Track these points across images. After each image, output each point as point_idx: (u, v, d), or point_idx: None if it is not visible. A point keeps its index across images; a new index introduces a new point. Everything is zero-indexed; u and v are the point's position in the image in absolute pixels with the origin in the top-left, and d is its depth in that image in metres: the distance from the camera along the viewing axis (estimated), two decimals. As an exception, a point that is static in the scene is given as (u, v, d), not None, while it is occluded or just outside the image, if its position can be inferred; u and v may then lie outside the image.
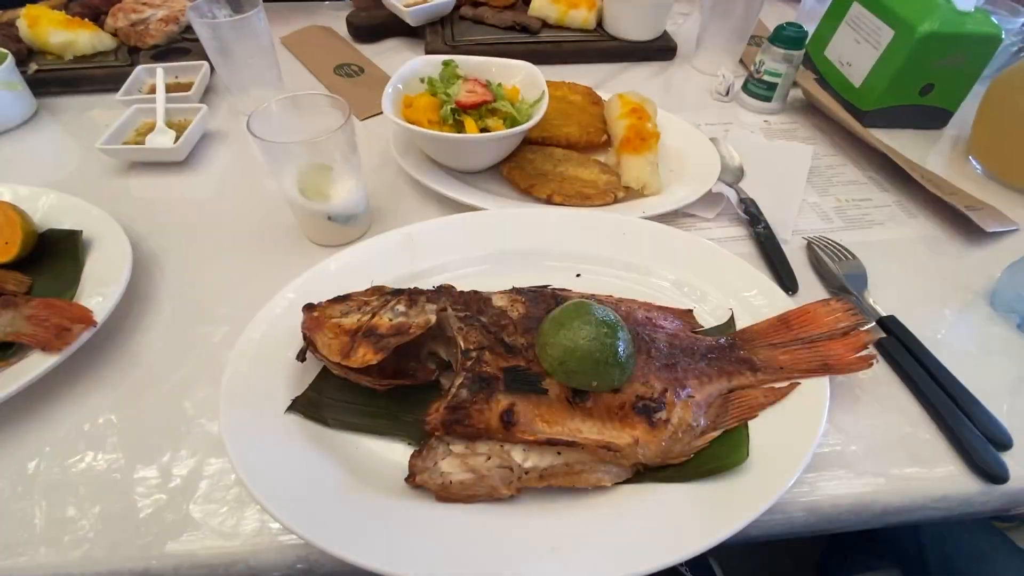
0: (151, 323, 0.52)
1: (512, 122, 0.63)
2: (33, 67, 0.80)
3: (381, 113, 0.79)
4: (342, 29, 0.98)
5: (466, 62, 0.69)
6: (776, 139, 0.78)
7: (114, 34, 0.87)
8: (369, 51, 0.94)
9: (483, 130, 0.62)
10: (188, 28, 0.90)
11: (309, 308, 0.44)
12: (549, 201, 0.62)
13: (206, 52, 0.74)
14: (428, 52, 0.89)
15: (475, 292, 0.47)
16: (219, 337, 0.51)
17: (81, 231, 0.55)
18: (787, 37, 0.75)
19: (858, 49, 0.79)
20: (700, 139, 0.70)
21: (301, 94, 0.55)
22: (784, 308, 0.48)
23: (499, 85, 0.64)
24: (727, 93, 0.84)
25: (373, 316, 0.43)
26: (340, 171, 0.55)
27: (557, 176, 0.64)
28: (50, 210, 0.58)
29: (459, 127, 0.62)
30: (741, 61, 0.92)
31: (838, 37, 0.84)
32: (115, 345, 0.50)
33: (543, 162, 0.66)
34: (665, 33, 0.94)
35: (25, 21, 0.82)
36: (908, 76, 0.74)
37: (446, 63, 0.68)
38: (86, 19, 0.87)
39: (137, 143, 0.70)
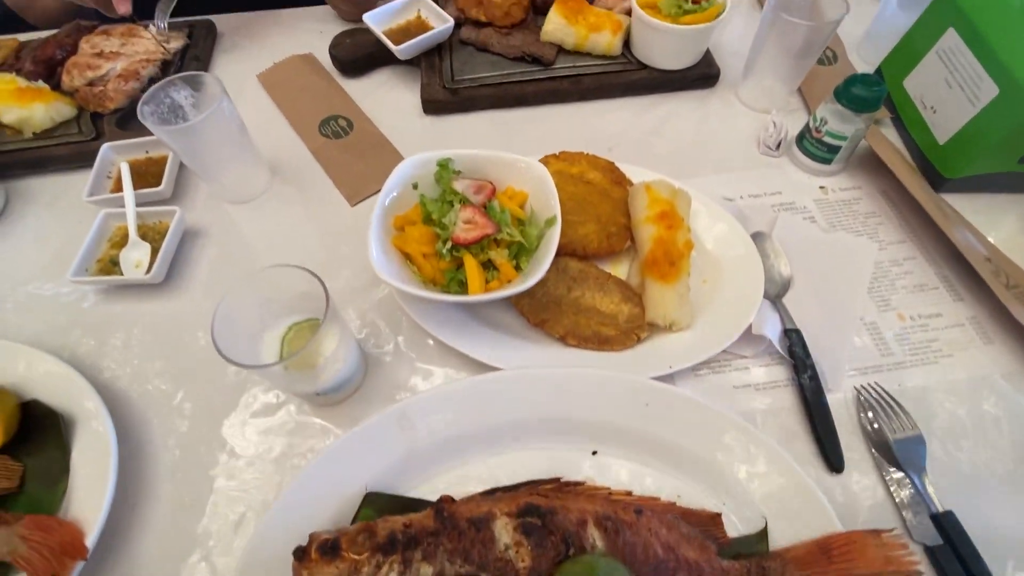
0: (145, 518, 0.50)
1: (518, 250, 0.54)
2: (-8, 149, 0.73)
3: (376, 194, 0.70)
4: (324, 54, 0.85)
5: (465, 159, 0.59)
6: (832, 215, 0.66)
7: (73, 93, 0.77)
8: (357, 90, 0.82)
9: (485, 264, 0.54)
10: (152, 80, 0.80)
11: (299, 556, 0.41)
12: (563, 341, 0.55)
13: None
14: (424, 99, 0.76)
15: (477, 520, 0.42)
16: (217, 527, 0.49)
17: (61, 416, 0.52)
18: (858, 98, 0.60)
19: (948, 95, 0.64)
20: (741, 238, 0.59)
21: (271, 269, 0.47)
22: (827, 509, 0.43)
23: (503, 211, 0.54)
24: (777, 147, 0.70)
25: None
26: (327, 345, 0.49)
27: (572, 305, 0.56)
28: (29, 371, 0.55)
29: (457, 263, 0.54)
30: (799, 91, 0.77)
31: (924, 69, 0.68)
32: (111, 551, 0.49)
33: (556, 283, 0.57)
34: (707, 54, 0.78)
35: (-27, 95, 0.73)
36: (1011, 144, 0.60)
37: (442, 164, 0.58)
38: (40, 80, 0.78)
39: (111, 258, 0.64)
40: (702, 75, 0.77)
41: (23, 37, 0.87)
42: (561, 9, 0.76)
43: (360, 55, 0.81)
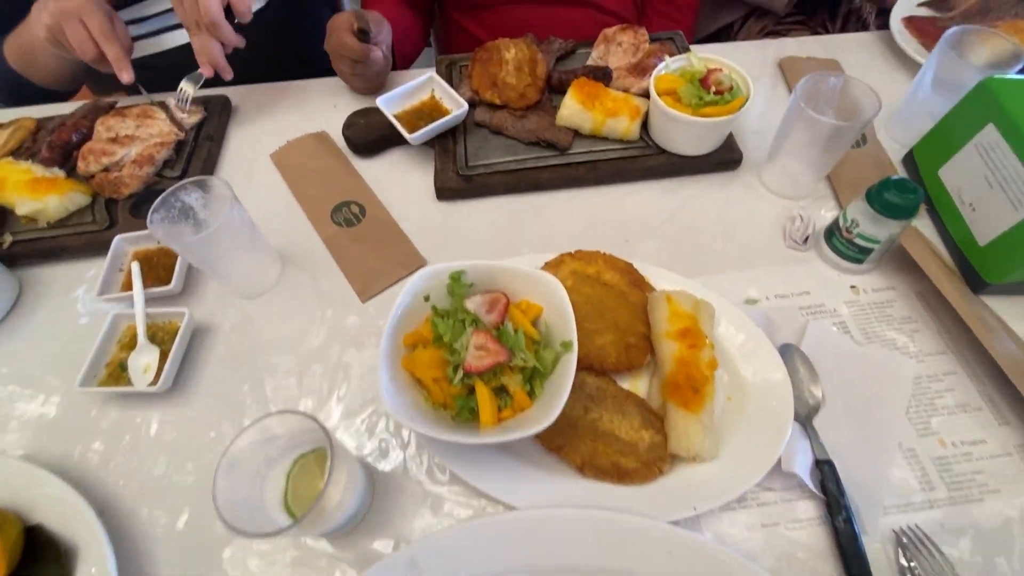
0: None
1: (532, 375, 0.52)
2: (8, 238, 0.73)
3: (387, 289, 0.69)
4: (338, 130, 0.84)
5: (479, 270, 0.57)
6: (864, 319, 0.62)
7: (88, 179, 0.77)
8: (371, 171, 0.80)
9: (498, 390, 0.52)
10: (167, 163, 0.79)
11: None
12: (580, 471, 0.52)
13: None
14: (437, 187, 0.75)
15: None
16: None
17: (63, 548, 0.51)
18: (892, 205, 0.57)
19: (989, 194, 0.61)
20: (769, 354, 0.56)
21: (271, 419, 0.45)
22: None
23: (517, 333, 0.52)
24: (804, 242, 0.67)
25: None
26: (334, 493, 0.47)
27: (589, 429, 0.54)
28: (33, 492, 0.54)
29: (468, 389, 0.51)
30: (828, 178, 0.73)
31: (961, 161, 0.65)
32: None
33: (572, 402, 0.54)
34: (729, 137, 0.76)
35: (-10, 185, 0.73)
36: (1058, 255, 0.56)
37: (454, 277, 0.56)
38: (56, 166, 0.78)
39: (120, 361, 0.63)
40: (724, 160, 0.75)
41: (38, 112, 0.88)
42: (577, 94, 0.74)
43: (373, 137, 0.80)
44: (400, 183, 0.79)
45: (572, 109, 0.74)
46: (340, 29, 0.79)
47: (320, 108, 0.90)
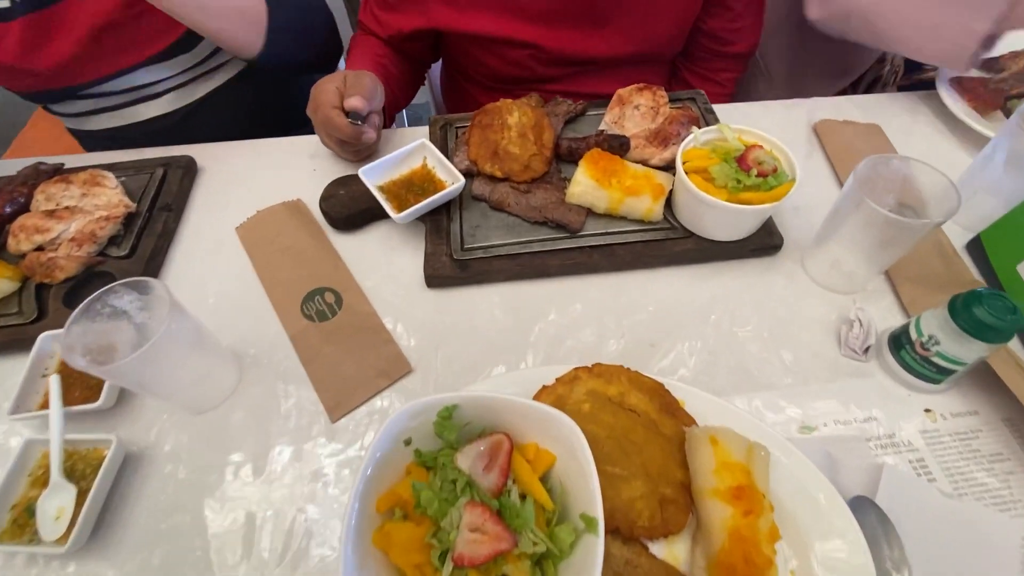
0: None
1: (543, 555, 0.40)
2: (-88, 333, 0.61)
3: (361, 405, 0.57)
4: (315, 197, 0.73)
5: (476, 403, 0.45)
6: (944, 454, 0.51)
7: (20, 258, 0.66)
8: (350, 248, 0.69)
9: (500, 578, 0.40)
10: (112, 240, 0.68)
11: None
12: None
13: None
14: (428, 274, 0.64)
15: None
16: None
17: None
18: (983, 325, 0.47)
19: (1092, 306, 0.50)
20: (840, 515, 0.44)
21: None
22: None
23: (524, 505, 0.40)
24: (864, 352, 0.57)
25: None
26: None
27: (616, 621, 0.42)
28: None
29: (460, 580, 0.39)
30: (887, 274, 0.63)
31: (1049, 261, 0.55)
32: None
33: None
34: (769, 220, 0.65)
35: None
36: None
37: (444, 414, 0.44)
38: (-20, 244, 0.67)
39: (28, 503, 0.50)
40: (761, 245, 0.64)
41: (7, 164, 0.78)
42: (591, 169, 0.64)
43: (354, 211, 0.70)
44: (384, 265, 0.68)
45: (585, 186, 0.64)
46: (327, 105, 0.69)
47: (298, 171, 0.79)
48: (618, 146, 0.68)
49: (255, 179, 0.79)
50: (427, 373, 0.59)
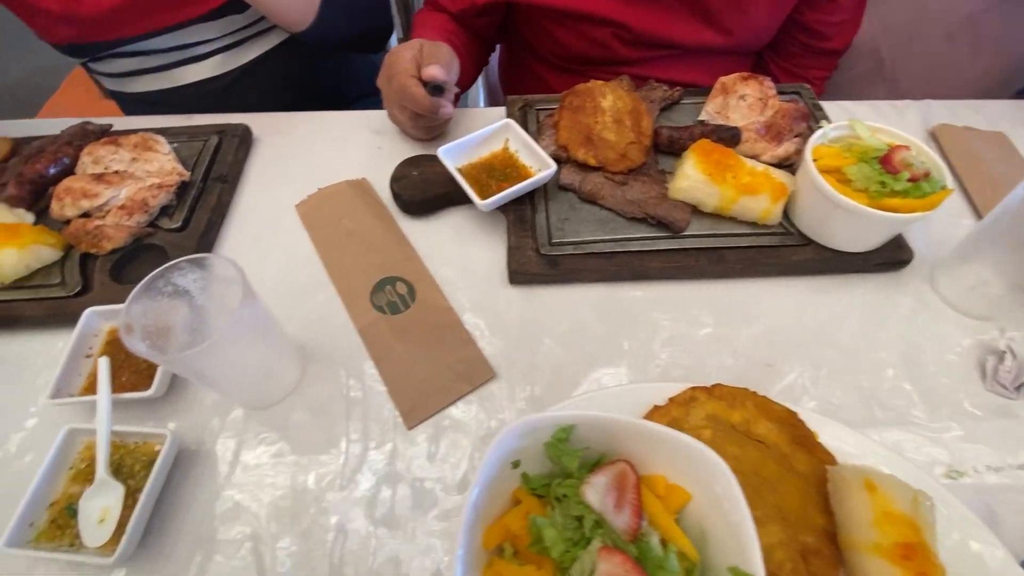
0: None
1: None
2: (-54, 302, 0.56)
3: (439, 412, 0.51)
4: (380, 177, 0.67)
5: (593, 425, 0.39)
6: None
7: (62, 225, 0.60)
8: (421, 235, 0.63)
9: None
10: (163, 211, 0.62)
11: None
12: None
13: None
14: (512, 269, 0.57)
15: None
16: None
17: None
18: None
19: None
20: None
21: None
22: None
23: (667, 551, 0.34)
24: (1017, 389, 0.50)
25: None
26: None
27: None
28: None
29: (588, 635, 0.33)
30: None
31: None
32: None
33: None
34: (899, 236, 0.58)
35: (-67, 229, 0.56)
36: None
37: (559, 436, 0.38)
38: (24, 208, 0.61)
39: (69, 502, 0.45)
40: (889, 260, 0.57)
41: (16, 131, 0.72)
42: (702, 163, 0.57)
43: (430, 195, 0.63)
44: (459, 256, 0.62)
45: (694, 180, 0.57)
46: (404, 74, 0.62)
47: (361, 147, 0.73)
48: (729, 138, 0.61)
49: (314, 153, 0.73)
50: (512, 381, 0.52)
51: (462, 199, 0.64)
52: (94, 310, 0.54)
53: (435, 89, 0.61)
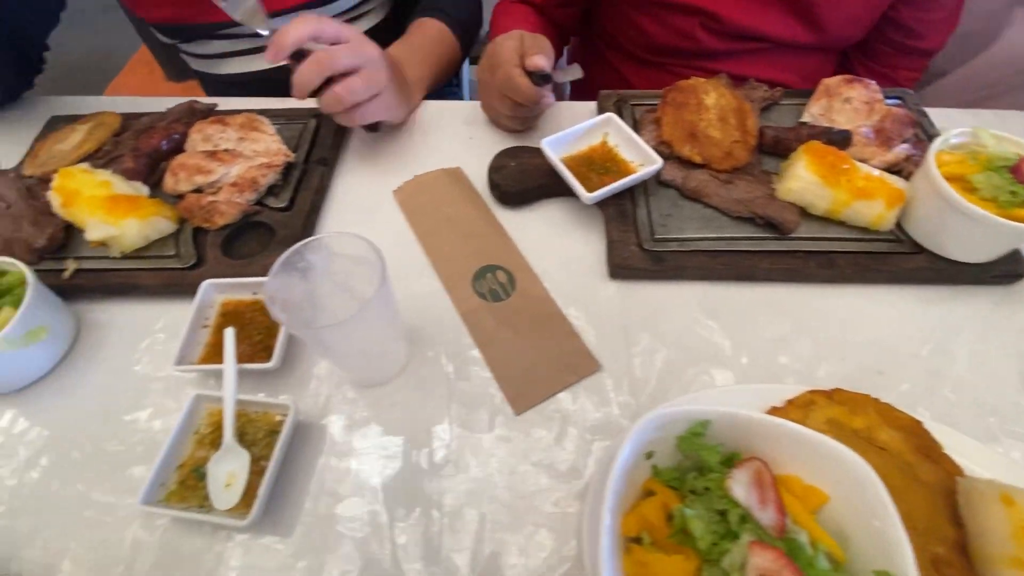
0: None
1: (831, 616, 0.34)
2: (71, 267, 0.58)
3: (547, 399, 0.51)
4: (474, 167, 0.68)
5: (730, 422, 0.39)
6: None
7: (175, 199, 0.62)
8: (516, 225, 0.63)
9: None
10: (270, 190, 0.64)
11: None
12: None
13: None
14: (614, 263, 0.57)
15: None
16: None
17: None
18: None
19: None
20: None
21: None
22: None
23: (816, 549, 0.34)
24: None
25: None
26: None
27: None
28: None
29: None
30: None
31: None
32: None
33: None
34: (1016, 249, 0.56)
35: (59, 197, 0.59)
36: None
37: (697, 429, 0.38)
38: (140, 181, 0.63)
39: (196, 464, 0.46)
40: (1005, 272, 0.55)
41: (124, 107, 0.74)
42: (815, 165, 0.56)
43: (529, 186, 0.64)
44: (556, 248, 0.62)
45: (806, 182, 0.56)
46: (509, 63, 0.63)
47: (453, 137, 0.74)
48: (840, 141, 0.60)
49: (407, 141, 0.74)
50: (618, 374, 0.52)
51: (559, 191, 0.64)
52: (210, 282, 0.55)
53: (542, 78, 0.62)
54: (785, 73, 0.84)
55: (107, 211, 0.57)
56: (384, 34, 0.90)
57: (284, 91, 0.79)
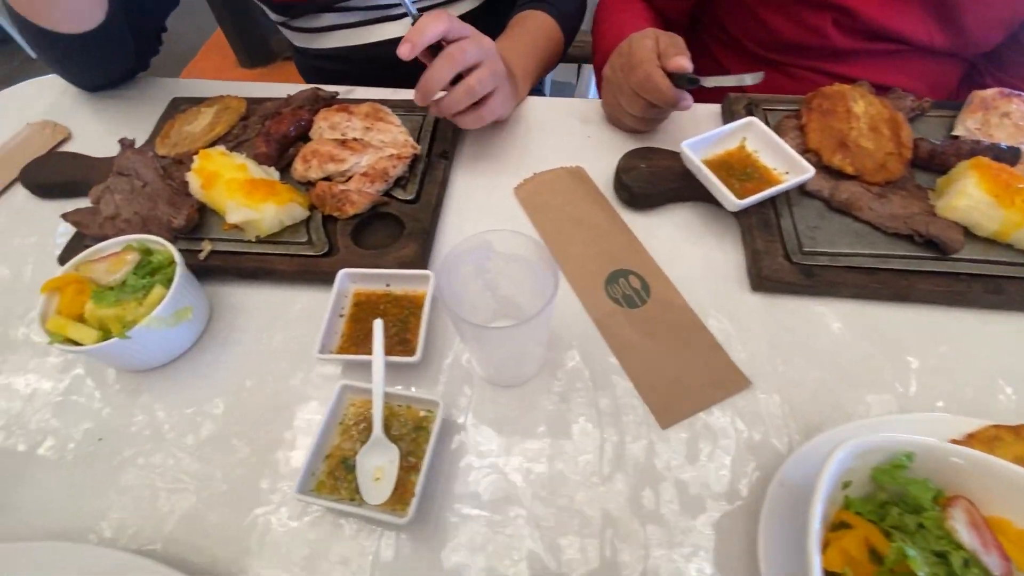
0: None
1: None
2: (207, 249, 0.59)
3: (692, 416, 0.49)
4: (594, 165, 0.66)
5: (934, 455, 0.36)
6: None
7: (305, 186, 0.63)
8: (642, 228, 0.61)
9: None
10: (397, 182, 0.63)
11: None
12: None
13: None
14: (759, 275, 0.55)
15: None
16: None
17: None
18: None
19: None
20: None
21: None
22: None
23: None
24: None
25: None
26: None
27: None
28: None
29: None
30: None
31: None
32: None
33: None
34: None
35: (198, 178, 0.59)
36: None
37: (899, 461, 0.36)
38: (271, 165, 0.64)
39: (343, 456, 0.46)
40: None
41: (245, 91, 0.75)
42: (987, 182, 0.52)
43: (662, 188, 0.62)
44: (685, 254, 0.60)
45: (975, 201, 0.52)
46: (650, 63, 0.60)
47: (571, 136, 0.72)
48: (1010, 157, 0.56)
49: (524, 137, 0.72)
50: (769, 394, 0.50)
51: (692, 195, 0.62)
52: (346, 272, 0.55)
53: (689, 80, 0.59)
54: (913, 80, 0.80)
55: (246, 195, 0.57)
56: (476, 22, 0.89)
57: (379, 64, 0.77)
